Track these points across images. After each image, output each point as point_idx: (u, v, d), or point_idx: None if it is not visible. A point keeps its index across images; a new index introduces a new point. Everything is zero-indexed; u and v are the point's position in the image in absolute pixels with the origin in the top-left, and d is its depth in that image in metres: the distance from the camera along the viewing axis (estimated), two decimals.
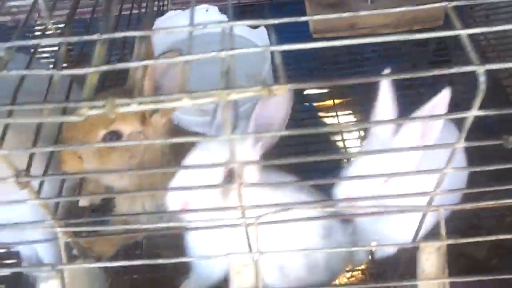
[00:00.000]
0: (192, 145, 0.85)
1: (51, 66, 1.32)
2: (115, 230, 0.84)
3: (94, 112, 0.58)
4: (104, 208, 1.10)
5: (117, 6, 0.71)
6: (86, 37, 0.67)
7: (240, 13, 1.99)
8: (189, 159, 0.82)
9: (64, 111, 0.62)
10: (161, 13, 1.76)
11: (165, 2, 1.97)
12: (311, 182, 0.86)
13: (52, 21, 0.84)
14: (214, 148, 0.79)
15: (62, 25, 0.95)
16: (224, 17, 1.57)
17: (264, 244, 0.74)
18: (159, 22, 1.55)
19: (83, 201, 0.90)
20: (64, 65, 0.87)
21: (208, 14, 1.57)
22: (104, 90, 1.07)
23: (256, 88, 0.56)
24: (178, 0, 1.99)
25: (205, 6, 1.58)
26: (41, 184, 0.74)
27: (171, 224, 0.77)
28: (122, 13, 1.44)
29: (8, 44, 0.65)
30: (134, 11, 1.59)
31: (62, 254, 0.75)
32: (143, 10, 1.68)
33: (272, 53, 0.66)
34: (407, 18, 1.66)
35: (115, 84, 1.35)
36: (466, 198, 0.77)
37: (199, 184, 0.72)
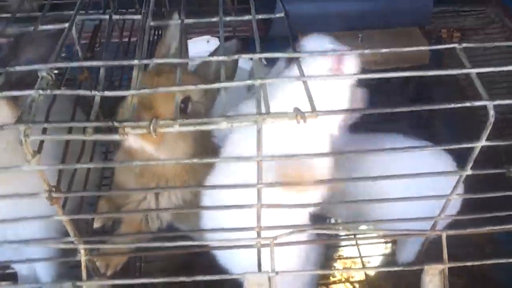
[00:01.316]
0: None
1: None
2: (130, 248, 0.86)
3: (138, 131, 0.62)
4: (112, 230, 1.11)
5: (150, 32, 0.76)
6: (126, 62, 0.72)
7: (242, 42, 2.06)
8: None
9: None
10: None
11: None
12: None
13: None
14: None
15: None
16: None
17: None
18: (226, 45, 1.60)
19: (97, 223, 0.92)
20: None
21: (209, 45, 1.63)
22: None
23: (290, 114, 0.61)
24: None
25: (206, 37, 1.65)
26: (65, 202, 0.76)
27: (188, 243, 0.80)
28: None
29: (50, 64, 0.69)
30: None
31: (83, 271, 0.76)
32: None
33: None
34: (396, 56, 1.76)
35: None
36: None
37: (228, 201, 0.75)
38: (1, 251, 0.99)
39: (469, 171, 0.67)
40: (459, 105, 0.61)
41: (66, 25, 0.80)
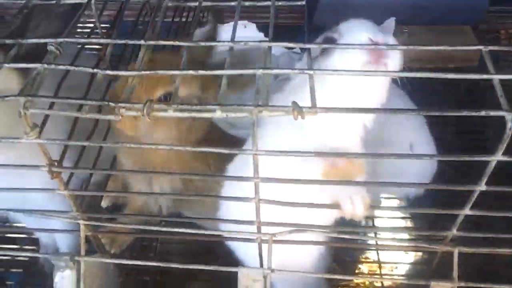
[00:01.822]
0: None
1: None
2: (134, 228, 0.86)
3: (131, 113, 0.61)
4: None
5: (163, 14, 0.75)
6: (131, 41, 0.71)
7: (276, 33, 2.02)
8: None
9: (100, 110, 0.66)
10: (200, 24, 1.81)
11: (206, 14, 2.02)
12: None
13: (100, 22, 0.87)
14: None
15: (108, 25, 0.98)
16: (261, 35, 1.61)
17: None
18: (198, 33, 1.59)
19: (105, 202, 0.92)
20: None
21: (245, 31, 1.61)
22: None
23: (286, 108, 0.58)
24: (218, 12, 2.05)
25: (244, 22, 1.62)
26: (70, 176, 0.77)
27: (188, 231, 0.78)
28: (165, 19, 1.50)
29: (59, 39, 0.69)
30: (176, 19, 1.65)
31: (82, 246, 0.77)
32: (183, 19, 1.73)
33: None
34: (442, 55, 1.66)
35: None
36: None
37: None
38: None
39: (483, 187, 0.62)
40: (473, 113, 0.55)
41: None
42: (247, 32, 1.61)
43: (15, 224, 1.24)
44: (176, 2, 0.82)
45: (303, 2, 0.82)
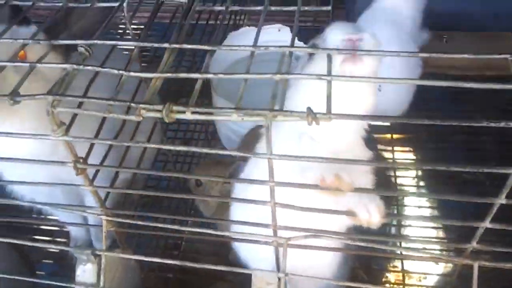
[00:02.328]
0: None
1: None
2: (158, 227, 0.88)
3: (151, 114, 0.62)
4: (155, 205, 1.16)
5: (193, 16, 0.76)
6: (156, 44, 0.73)
7: (315, 33, 2.02)
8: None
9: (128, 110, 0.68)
10: (236, 27, 1.83)
11: (242, 17, 2.04)
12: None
13: (133, 24, 0.90)
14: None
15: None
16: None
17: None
18: (232, 36, 1.61)
19: None
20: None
21: (279, 34, 1.61)
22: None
23: (301, 114, 0.58)
24: (254, 16, 2.06)
25: (278, 25, 1.63)
26: (96, 173, 0.79)
27: (211, 231, 0.80)
28: (199, 22, 1.53)
29: (89, 41, 0.72)
30: (211, 22, 1.68)
31: (104, 241, 0.80)
32: (218, 22, 1.76)
33: None
34: (479, 62, 1.62)
35: (180, 90, 1.43)
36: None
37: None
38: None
39: (503, 200, 0.60)
40: (492, 124, 0.54)
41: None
42: (281, 35, 1.61)
43: (49, 217, 1.30)
44: (203, 6, 0.84)
45: (329, 8, 0.82)
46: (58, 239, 1.37)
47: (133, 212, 0.82)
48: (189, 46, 0.70)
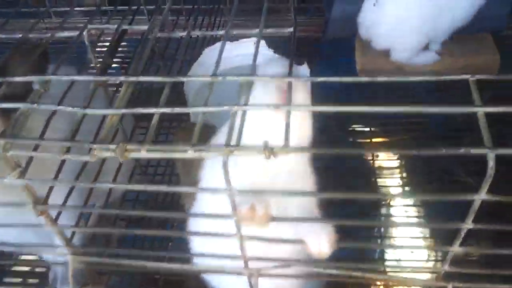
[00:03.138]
0: None
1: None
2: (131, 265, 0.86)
3: (106, 154, 0.60)
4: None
5: (152, 44, 0.75)
6: (113, 78, 0.71)
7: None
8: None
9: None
10: (214, 39, 1.81)
11: (219, 28, 2.03)
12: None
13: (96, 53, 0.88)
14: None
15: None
16: (270, 53, 1.59)
17: None
18: (208, 51, 1.59)
19: None
20: None
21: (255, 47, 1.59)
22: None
23: (258, 148, 0.56)
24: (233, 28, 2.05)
25: (254, 39, 1.61)
26: (59, 212, 0.77)
27: (188, 267, 0.78)
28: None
29: (45, 77, 0.70)
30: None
31: (70, 279, 0.78)
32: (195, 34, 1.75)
33: None
34: (459, 66, 1.60)
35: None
36: None
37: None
38: None
39: (470, 225, 0.58)
40: (450, 153, 0.52)
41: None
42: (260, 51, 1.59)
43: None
44: (165, 33, 0.82)
45: (291, 29, 0.80)
46: (30, 280, 1.33)
47: (102, 249, 0.80)
48: (147, 79, 0.68)
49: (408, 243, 1.39)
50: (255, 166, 0.75)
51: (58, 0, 2.30)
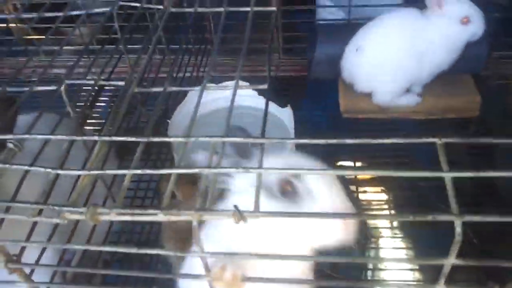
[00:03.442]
0: None
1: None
2: None
3: (76, 217, 0.60)
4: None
5: (129, 100, 0.75)
6: (86, 138, 0.71)
7: (278, 84, 2.05)
8: None
9: None
10: (198, 78, 1.84)
11: (205, 69, 2.05)
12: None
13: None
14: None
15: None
16: (255, 94, 1.61)
17: None
18: (192, 93, 1.60)
19: None
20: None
21: (238, 90, 1.61)
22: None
23: (227, 213, 0.56)
24: (219, 67, 2.07)
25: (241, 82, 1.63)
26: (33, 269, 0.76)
27: None
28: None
29: (18, 136, 0.70)
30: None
31: None
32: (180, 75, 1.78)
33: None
34: (440, 106, 1.63)
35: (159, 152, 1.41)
36: None
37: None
38: None
39: (454, 261, 0.58)
40: (420, 218, 0.53)
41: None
42: (241, 91, 1.61)
43: None
44: (143, 88, 0.83)
45: (265, 86, 0.81)
46: None
47: None
48: (120, 139, 0.69)
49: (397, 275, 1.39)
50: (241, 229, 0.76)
51: (46, 39, 2.33)
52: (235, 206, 0.56)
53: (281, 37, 2.03)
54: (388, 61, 1.48)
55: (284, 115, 1.58)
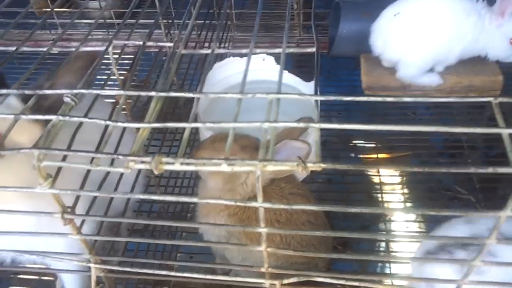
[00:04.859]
0: None
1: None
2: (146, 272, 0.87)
3: (141, 166, 0.62)
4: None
5: (179, 59, 0.77)
6: (143, 93, 0.73)
7: (297, 61, 2.06)
8: None
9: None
10: (220, 56, 1.84)
11: (227, 45, 2.06)
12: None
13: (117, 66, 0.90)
14: None
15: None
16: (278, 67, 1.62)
17: None
18: (217, 66, 1.62)
19: None
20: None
21: (264, 64, 1.63)
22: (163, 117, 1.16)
23: (291, 164, 0.58)
24: (238, 43, 2.08)
25: (262, 55, 1.64)
26: (83, 221, 0.78)
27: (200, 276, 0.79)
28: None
29: (75, 91, 0.72)
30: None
31: (93, 286, 0.79)
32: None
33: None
34: (463, 85, 1.64)
35: (173, 112, 1.44)
36: None
37: None
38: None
39: (494, 240, 0.60)
40: (480, 170, 0.54)
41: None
42: (266, 65, 1.62)
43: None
44: (191, 50, 0.84)
45: (314, 49, 0.82)
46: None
47: (121, 258, 0.81)
48: (176, 94, 0.70)
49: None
50: None
51: (61, 12, 2.33)
52: (298, 157, 0.58)
53: (301, 14, 2.04)
54: (425, 30, 1.47)
55: (308, 90, 1.60)
